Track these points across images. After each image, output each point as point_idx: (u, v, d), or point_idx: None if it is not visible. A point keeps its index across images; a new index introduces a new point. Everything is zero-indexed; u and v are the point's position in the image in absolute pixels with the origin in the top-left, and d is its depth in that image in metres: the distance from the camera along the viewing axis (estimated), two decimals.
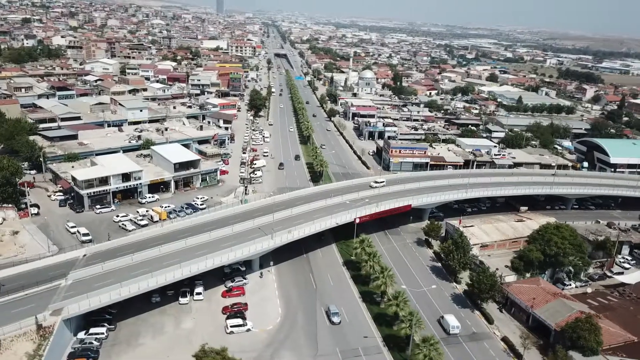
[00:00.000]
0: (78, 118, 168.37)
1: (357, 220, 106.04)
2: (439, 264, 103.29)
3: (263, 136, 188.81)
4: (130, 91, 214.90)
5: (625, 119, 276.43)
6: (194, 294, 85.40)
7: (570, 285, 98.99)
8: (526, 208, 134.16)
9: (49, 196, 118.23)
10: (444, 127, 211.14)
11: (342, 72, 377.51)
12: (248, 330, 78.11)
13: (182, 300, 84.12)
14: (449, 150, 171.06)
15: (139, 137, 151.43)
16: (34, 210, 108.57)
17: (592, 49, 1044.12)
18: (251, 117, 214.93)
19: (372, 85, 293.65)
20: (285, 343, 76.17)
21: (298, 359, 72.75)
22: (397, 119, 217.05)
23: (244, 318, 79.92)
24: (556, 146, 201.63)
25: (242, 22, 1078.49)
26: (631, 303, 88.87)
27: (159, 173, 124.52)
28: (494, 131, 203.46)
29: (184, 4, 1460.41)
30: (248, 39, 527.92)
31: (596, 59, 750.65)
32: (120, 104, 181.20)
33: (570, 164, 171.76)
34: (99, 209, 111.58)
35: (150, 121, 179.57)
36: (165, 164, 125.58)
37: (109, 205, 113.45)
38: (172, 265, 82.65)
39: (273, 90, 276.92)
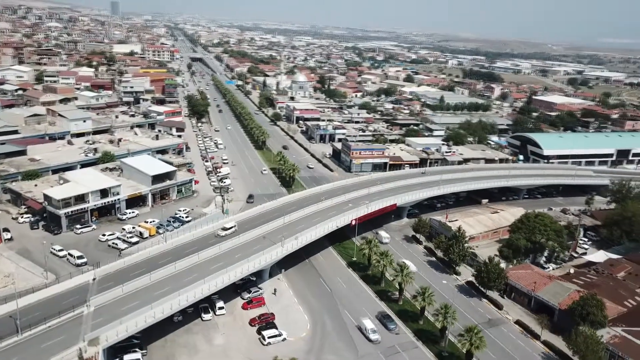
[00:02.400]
0: (15, 132, 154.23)
1: (353, 222, 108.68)
2: (434, 259, 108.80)
3: (216, 143, 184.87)
4: (61, 101, 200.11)
5: (535, 114, 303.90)
6: (216, 308, 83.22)
7: (548, 268, 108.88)
8: (487, 200, 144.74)
9: (15, 219, 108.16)
10: (387, 128, 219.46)
11: (267, 75, 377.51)
12: (284, 339, 77.88)
13: (205, 316, 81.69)
14: (401, 150, 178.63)
15: (95, 150, 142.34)
16: (6, 235, 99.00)
17: (482, 49, 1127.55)
18: (199, 125, 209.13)
19: (306, 88, 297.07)
20: (324, 348, 76.96)
21: None
22: (342, 122, 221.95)
23: (276, 328, 79.48)
24: (489, 142, 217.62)
25: (143, 24, 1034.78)
26: (610, 279, 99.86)
27: (134, 187, 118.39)
28: (435, 130, 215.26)
29: (73, 5, 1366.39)
30: (162, 43, 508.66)
31: (489, 60, 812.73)
32: (60, 114, 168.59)
33: (511, 157, 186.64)
34: (79, 228, 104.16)
35: (95, 132, 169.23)
36: (140, 177, 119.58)
37: (88, 224, 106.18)
38: (193, 281, 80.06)
39: (208, 96, 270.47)
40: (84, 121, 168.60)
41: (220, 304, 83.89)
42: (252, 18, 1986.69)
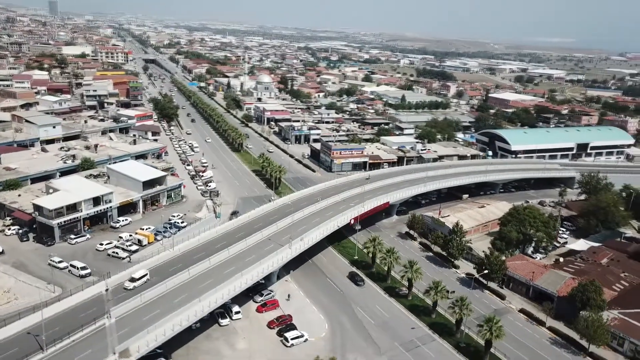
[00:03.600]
0: None
1: (352, 222, 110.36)
2: (430, 254, 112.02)
3: (191, 146, 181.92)
4: (22, 106, 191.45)
5: (492, 111, 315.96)
6: (232, 313, 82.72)
7: (536, 257, 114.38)
8: (467, 195, 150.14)
9: (2, 231, 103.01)
10: (359, 128, 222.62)
11: (226, 76, 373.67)
12: (305, 340, 78.50)
13: (222, 321, 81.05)
14: (378, 149, 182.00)
15: (74, 157, 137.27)
16: None
17: (429, 49, 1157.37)
18: (170, 128, 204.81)
19: (271, 89, 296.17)
20: (346, 347, 78.17)
21: (368, 359, 75.40)
22: (313, 122, 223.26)
23: (296, 329, 79.96)
24: (457, 139, 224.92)
25: (86, 25, 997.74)
26: (596, 265, 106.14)
27: (124, 194, 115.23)
28: (405, 128, 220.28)
29: (7, 5, 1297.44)
30: (114, 44, 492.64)
31: (437, 59, 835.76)
32: (27, 120, 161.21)
33: (481, 154, 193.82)
34: (73, 238, 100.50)
35: (66, 138, 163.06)
36: (129, 183, 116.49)
37: (82, 234, 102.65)
38: (209, 287, 79.32)
39: (174, 99, 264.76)
40: (54, 127, 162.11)
41: (236, 308, 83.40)
42: (198, 18, 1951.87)
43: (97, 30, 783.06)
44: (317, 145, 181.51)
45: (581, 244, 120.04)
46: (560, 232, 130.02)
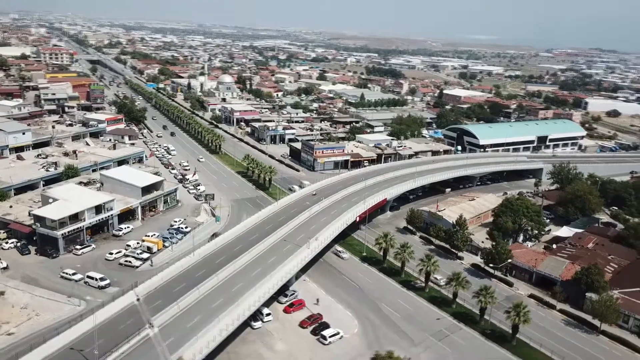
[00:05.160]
0: None
1: (357, 219, 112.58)
2: (432, 247, 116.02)
3: (167, 149, 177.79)
4: None
5: (447, 107, 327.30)
6: (263, 316, 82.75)
7: (527, 245, 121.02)
8: (449, 190, 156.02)
9: None
10: (330, 127, 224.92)
11: (180, 77, 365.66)
12: (341, 337, 79.92)
13: (255, 324, 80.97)
14: (356, 147, 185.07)
15: (55, 164, 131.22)
16: (1, 263, 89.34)
17: (370, 47, 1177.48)
18: (140, 131, 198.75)
19: (233, 89, 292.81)
20: (381, 341, 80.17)
21: (405, 351, 77.53)
22: (286, 122, 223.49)
23: (330, 327, 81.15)
24: (423, 135, 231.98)
25: (13, 24, 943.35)
26: (585, 250, 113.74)
27: (122, 200, 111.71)
28: (376, 126, 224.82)
29: None
30: (55, 45, 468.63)
31: (381, 57, 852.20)
32: None
33: (452, 149, 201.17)
34: (79, 249, 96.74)
35: (36, 145, 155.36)
36: (127, 190, 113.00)
37: (87, 244, 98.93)
38: (242, 290, 79.28)
39: (137, 101, 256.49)
40: (23, 133, 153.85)
41: (266, 310, 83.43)
42: (132, 17, 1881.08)
43: (28, 29, 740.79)
44: (297, 145, 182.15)
45: (565, 231, 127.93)
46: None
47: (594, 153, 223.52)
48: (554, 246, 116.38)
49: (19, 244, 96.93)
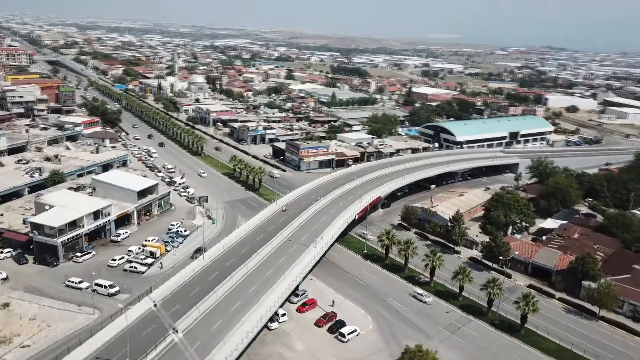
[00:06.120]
0: None
1: (356, 217, 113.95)
2: (429, 242, 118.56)
3: (148, 152, 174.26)
4: None
5: (417, 105, 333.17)
6: (279, 316, 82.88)
7: (516, 237, 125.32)
8: (434, 186, 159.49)
9: None
10: (309, 126, 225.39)
11: (146, 77, 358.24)
12: (358, 334, 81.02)
13: (271, 325, 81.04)
14: (339, 146, 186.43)
15: (40, 170, 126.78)
16: (1, 274, 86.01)
17: (331, 46, 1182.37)
18: (120, 134, 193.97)
19: (205, 89, 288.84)
20: (397, 335, 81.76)
21: (423, 345, 79.48)
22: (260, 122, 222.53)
23: (346, 325, 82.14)
24: (400, 133, 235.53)
25: None
26: (572, 240, 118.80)
27: (118, 205, 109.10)
28: (354, 125, 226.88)
29: None
30: (10, 45, 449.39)
31: (343, 55, 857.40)
32: None
33: (430, 146, 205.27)
34: (80, 256, 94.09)
35: (11, 150, 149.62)
36: (122, 194, 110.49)
37: (87, 251, 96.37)
38: (258, 292, 79.44)
39: (108, 103, 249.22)
40: None
41: (281, 311, 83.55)
42: (85, 15, 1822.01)
43: None
44: (280, 145, 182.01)
45: (550, 223, 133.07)
46: None
47: (561, 147, 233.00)
48: (544, 238, 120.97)
49: (14, 254, 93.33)
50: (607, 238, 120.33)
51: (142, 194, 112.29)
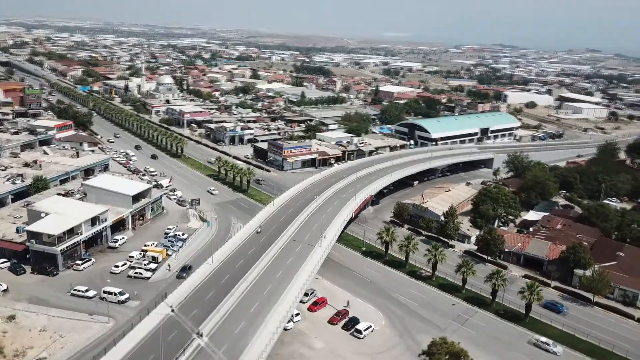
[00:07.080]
0: None
1: (353, 215, 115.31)
2: (423, 237, 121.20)
3: (127, 155, 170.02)
4: None
5: (385, 103, 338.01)
6: (294, 316, 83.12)
7: (503, 229, 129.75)
8: (417, 182, 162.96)
9: None
10: (286, 126, 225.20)
11: (109, 78, 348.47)
12: (372, 330, 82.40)
13: (287, 325, 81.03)
14: (319, 146, 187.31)
15: (22, 176, 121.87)
16: (2, 286, 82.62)
17: (288, 45, 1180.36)
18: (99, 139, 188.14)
19: (174, 90, 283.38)
20: (410, 330, 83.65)
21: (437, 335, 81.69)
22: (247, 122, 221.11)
23: (360, 322, 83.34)
24: (374, 131, 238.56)
25: None
26: (557, 231, 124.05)
27: (112, 210, 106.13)
28: (330, 124, 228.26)
29: None
30: None
31: (303, 54, 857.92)
32: None
33: (407, 144, 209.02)
34: (80, 264, 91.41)
35: None
36: (116, 199, 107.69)
37: (87, 258, 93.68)
38: (274, 292, 79.41)
39: (75, 106, 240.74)
40: None
41: (295, 311, 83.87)
42: (31, 15, 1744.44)
43: None
44: (260, 145, 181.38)
45: (532, 215, 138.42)
46: None
47: (528, 142, 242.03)
48: (531, 229, 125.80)
49: (11, 264, 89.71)
50: (587, 228, 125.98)
51: (136, 198, 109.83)
